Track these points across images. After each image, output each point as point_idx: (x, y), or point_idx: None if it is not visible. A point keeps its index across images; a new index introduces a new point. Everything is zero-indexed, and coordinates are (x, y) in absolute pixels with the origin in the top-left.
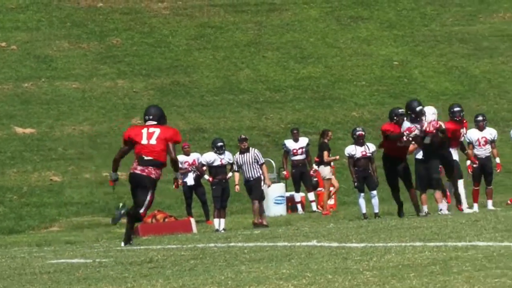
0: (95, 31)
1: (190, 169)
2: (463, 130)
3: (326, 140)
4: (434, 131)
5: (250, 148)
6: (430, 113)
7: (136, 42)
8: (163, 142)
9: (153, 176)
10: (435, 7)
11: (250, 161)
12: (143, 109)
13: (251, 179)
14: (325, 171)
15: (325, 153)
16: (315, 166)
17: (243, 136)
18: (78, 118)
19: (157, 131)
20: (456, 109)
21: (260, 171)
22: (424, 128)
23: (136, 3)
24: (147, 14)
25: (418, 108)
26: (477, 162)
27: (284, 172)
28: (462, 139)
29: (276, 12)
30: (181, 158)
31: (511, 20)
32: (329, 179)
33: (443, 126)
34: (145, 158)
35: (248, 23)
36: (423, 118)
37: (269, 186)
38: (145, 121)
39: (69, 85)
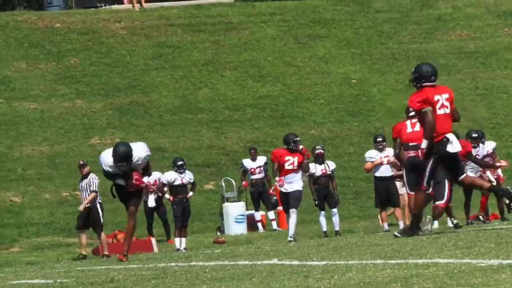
0: (53, 51)
1: (151, 190)
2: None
3: None
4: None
5: (90, 174)
6: None
7: (94, 62)
8: None
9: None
10: (392, 25)
11: (86, 187)
12: (102, 129)
13: (88, 205)
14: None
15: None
16: None
17: (81, 162)
18: (37, 138)
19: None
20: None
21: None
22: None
23: (93, 23)
24: (105, 34)
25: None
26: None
27: (243, 183)
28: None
29: (234, 31)
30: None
31: (468, 37)
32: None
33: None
34: (411, 144)
35: (206, 42)
36: None
37: (81, 209)
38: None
39: (27, 105)
